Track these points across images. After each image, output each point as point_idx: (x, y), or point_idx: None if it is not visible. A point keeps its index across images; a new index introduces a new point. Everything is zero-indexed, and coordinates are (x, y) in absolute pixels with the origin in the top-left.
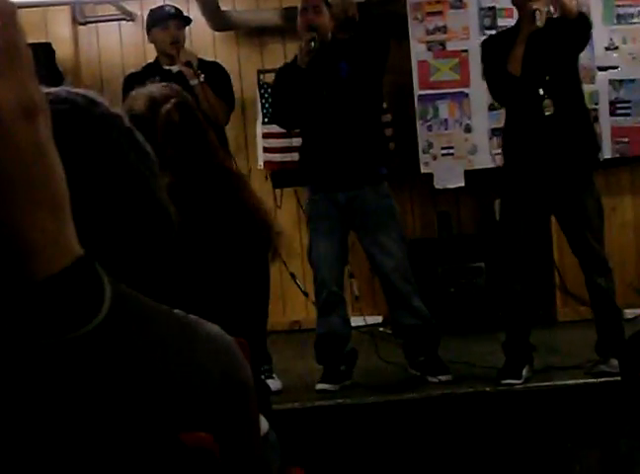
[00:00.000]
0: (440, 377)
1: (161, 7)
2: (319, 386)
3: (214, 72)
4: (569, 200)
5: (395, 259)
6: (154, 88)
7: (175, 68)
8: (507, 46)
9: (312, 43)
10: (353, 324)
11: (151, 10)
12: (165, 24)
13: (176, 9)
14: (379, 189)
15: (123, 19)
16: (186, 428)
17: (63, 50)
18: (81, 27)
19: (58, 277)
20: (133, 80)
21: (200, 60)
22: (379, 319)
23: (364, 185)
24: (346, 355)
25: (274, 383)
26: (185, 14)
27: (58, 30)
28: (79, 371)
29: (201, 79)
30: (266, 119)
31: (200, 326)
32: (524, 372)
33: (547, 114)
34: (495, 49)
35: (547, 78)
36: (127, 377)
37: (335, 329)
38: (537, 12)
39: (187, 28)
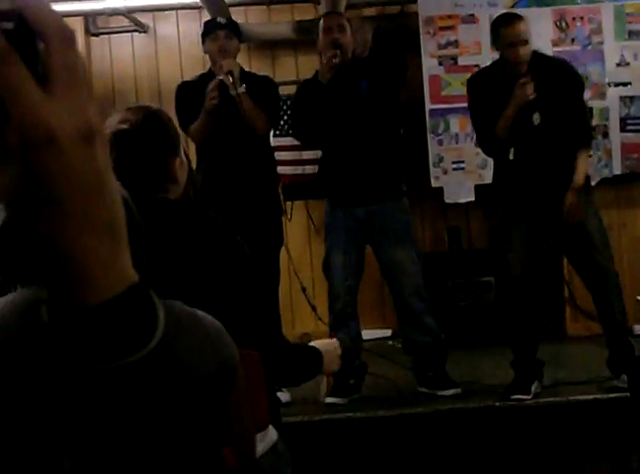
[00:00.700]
0: (449, 391)
1: (213, 18)
2: (328, 400)
3: (263, 85)
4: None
5: (411, 276)
6: (119, 114)
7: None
8: (493, 86)
9: (335, 60)
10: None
11: (204, 22)
12: (215, 34)
13: (228, 20)
14: (399, 204)
15: (136, 30)
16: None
17: None
18: (94, 38)
19: (111, 305)
20: (186, 89)
21: (250, 74)
22: (388, 333)
23: (385, 200)
24: (355, 368)
25: (283, 395)
26: (235, 25)
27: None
28: (129, 398)
29: (242, 90)
30: (277, 132)
31: (203, 319)
32: (534, 388)
33: (536, 124)
34: (482, 92)
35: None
36: (174, 399)
37: (345, 342)
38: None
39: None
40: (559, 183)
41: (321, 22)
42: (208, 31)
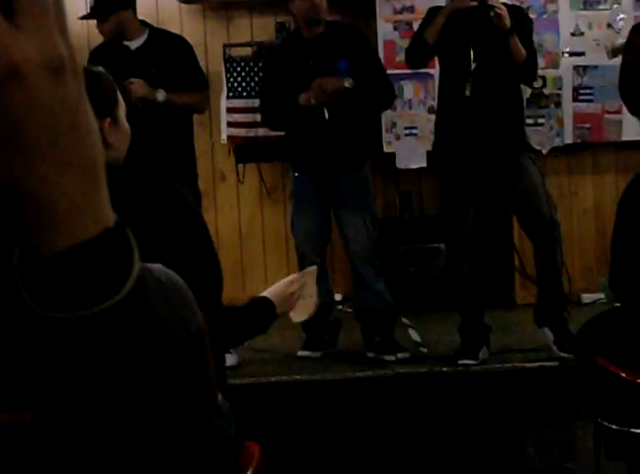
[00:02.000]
0: (397, 355)
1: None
2: (301, 353)
3: (178, 47)
4: (509, 171)
5: (363, 243)
6: None
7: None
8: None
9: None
10: None
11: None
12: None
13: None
14: (361, 173)
15: None
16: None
17: None
18: None
19: (80, 249)
20: (99, 53)
21: (164, 33)
22: (338, 297)
23: (349, 171)
24: (329, 324)
25: (230, 358)
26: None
27: None
28: (94, 348)
29: (161, 98)
30: (230, 94)
31: (172, 276)
32: (481, 354)
33: (467, 94)
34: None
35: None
36: (145, 354)
37: (320, 298)
38: None
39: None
40: (506, 135)
41: None
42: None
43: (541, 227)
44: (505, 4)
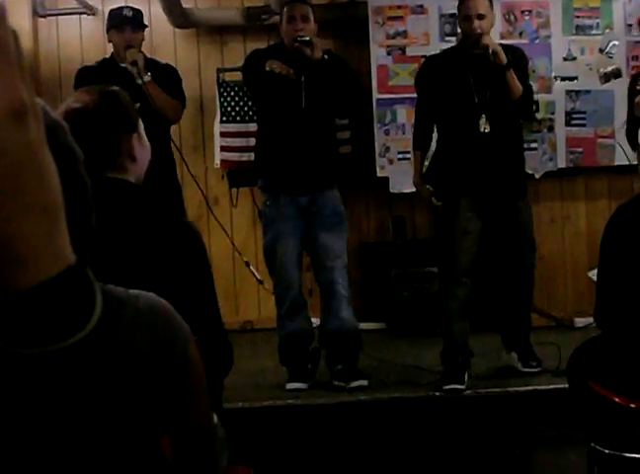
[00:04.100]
0: (353, 383)
1: (120, 9)
2: (290, 385)
3: (166, 74)
4: (505, 208)
5: (336, 265)
6: (75, 95)
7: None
8: (446, 69)
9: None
10: None
11: (110, 10)
12: (121, 27)
13: (134, 13)
14: (335, 193)
15: (84, 12)
16: (157, 420)
17: (22, 43)
18: (41, 19)
19: (44, 287)
20: (88, 74)
21: (153, 61)
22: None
23: (325, 188)
24: (310, 353)
25: None
26: (144, 15)
27: (18, 21)
28: (62, 382)
29: (147, 78)
30: (224, 118)
31: (155, 302)
32: (466, 377)
33: (484, 131)
34: (432, 76)
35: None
36: (112, 385)
37: (301, 328)
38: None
39: (148, 24)
40: (503, 170)
41: (284, 9)
42: (115, 23)
43: (519, 269)
44: (501, 44)
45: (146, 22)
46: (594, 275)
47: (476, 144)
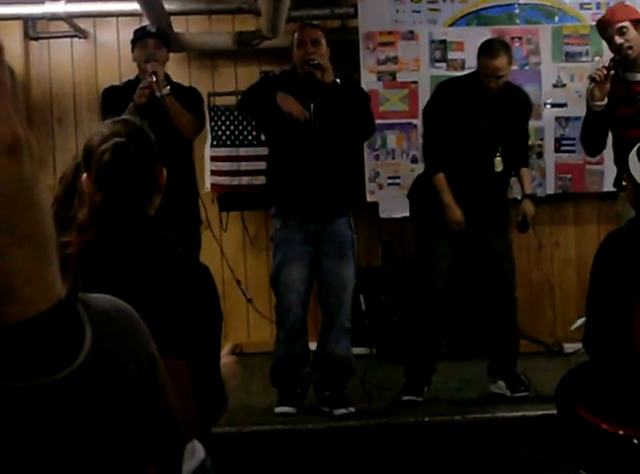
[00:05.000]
0: (339, 410)
1: (144, 26)
2: (279, 409)
3: (188, 94)
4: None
5: (341, 295)
6: (106, 125)
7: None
8: (460, 98)
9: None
10: None
11: (135, 30)
12: (144, 42)
13: (158, 29)
14: (347, 221)
15: (76, 36)
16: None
17: (14, 65)
18: (33, 42)
19: (35, 322)
20: (114, 94)
21: (178, 85)
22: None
23: (336, 218)
24: (301, 377)
25: None
26: (165, 34)
27: (9, 44)
28: (51, 414)
29: (166, 91)
30: (214, 142)
31: (121, 306)
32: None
33: (499, 170)
34: (447, 102)
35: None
36: (101, 413)
37: (296, 354)
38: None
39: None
40: (489, 201)
41: (295, 34)
42: (138, 38)
43: (504, 291)
44: (509, 83)
45: None
46: (578, 325)
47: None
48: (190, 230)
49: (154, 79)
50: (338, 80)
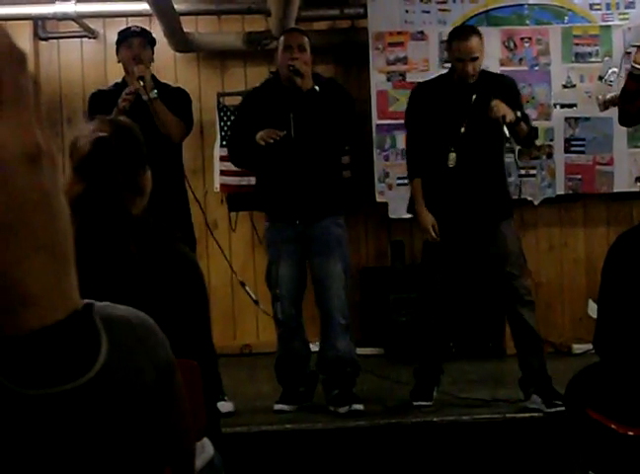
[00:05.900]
0: (347, 407)
1: (128, 27)
2: (277, 406)
3: (175, 96)
4: (486, 236)
5: (334, 292)
6: (93, 123)
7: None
8: (435, 97)
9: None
10: None
11: (119, 31)
12: (128, 41)
13: (142, 29)
14: (337, 219)
15: (86, 36)
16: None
17: None
18: (42, 42)
19: (51, 330)
20: (101, 98)
21: (165, 85)
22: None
23: (325, 217)
24: (307, 376)
25: (225, 405)
26: (150, 34)
27: (19, 44)
28: (66, 424)
29: (153, 95)
30: (224, 142)
31: (142, 317)
32: (435, 394)
33: (451, 165)
34: (422, 103)
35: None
36: (117, 422)
37: (293, 351)
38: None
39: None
40: (488, 200)
41: (282, 38)
42: (123, 38)
43: (510, 293)
44: (492, 73)
45: None
46: (592, 310)
47: (446, 179)
48: (181, 232)
49: (141, 84)
50: (317, 87)
